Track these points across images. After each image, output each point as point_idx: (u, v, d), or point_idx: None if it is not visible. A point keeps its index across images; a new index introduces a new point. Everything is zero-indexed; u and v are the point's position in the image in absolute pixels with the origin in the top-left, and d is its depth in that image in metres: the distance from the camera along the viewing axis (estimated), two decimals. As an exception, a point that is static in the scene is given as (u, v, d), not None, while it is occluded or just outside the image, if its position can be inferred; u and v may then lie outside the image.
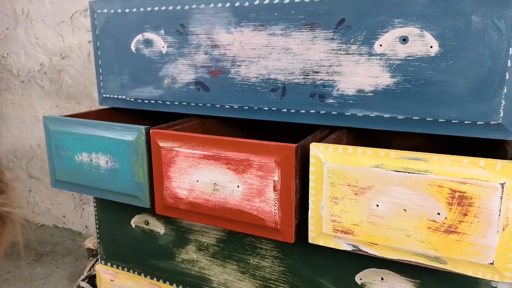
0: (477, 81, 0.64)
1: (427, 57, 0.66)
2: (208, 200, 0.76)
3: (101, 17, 0.98)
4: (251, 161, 0.70)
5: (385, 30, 0.68)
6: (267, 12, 0.77)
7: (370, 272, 0.77)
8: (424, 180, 0.59)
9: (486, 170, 0.57)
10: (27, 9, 1.95)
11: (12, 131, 2.20)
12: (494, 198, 0.56)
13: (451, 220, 0.59)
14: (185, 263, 0.97)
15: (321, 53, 0.74)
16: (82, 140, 0.89)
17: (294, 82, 0.78)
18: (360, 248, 0.66)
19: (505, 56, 0.62)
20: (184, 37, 0.87)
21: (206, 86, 0.87)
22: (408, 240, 0.62)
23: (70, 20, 1.85)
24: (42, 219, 2.25)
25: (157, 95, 0.94)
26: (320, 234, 0.69)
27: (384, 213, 0.63)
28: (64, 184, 0.96)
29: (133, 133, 0.83)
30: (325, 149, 0.66)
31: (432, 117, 0.68)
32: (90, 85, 1.88)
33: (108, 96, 1.02)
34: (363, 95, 0.72)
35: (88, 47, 1.84)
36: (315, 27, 0.73)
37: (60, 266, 1.91)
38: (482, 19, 0.62)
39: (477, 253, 0.58)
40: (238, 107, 0.85)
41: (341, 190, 0.65)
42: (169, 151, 0.79)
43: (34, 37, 1.97)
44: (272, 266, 0.86)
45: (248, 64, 0.81)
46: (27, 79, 2.06)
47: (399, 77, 0.69)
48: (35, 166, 2.18)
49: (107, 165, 0.87)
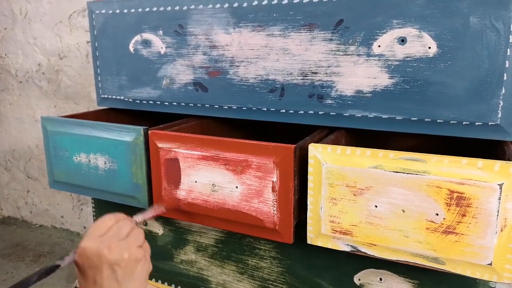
0: (475, 82, 0.64)
1: (425, 58, 0.66)
2: (207, 201, 0.76)
3: (99, 18, 0.97)
4: (249, 162, 0.70)
5: (384, 31, 0.68)
6: (265, 13, 0.77)
7: (369, 273, 0.77)
8: (423, 180, 0.59)
9: (484, 171, 0.57)
10: (25, 9, 1.94)
11: (10, 132, 2.19)
12: (492, 198, 0.56)
13: (449, 220, 0.59)
14: (184, 264, 0.97)
15: (320, 54, 0.74)
16: (80, 140, 0.89)
17: (293, 83, 0.78)
18: (359, 248, 0.66)
19: (503, 57, 0.62)
20: (183, 37, 0.87)
21: (205, 87, 0.87)
22: (406, 241, 0.62)
23: (68, 21, 1.84)
24: (40, 220, 2.25)
25: (155, 95, 0.94)
26: (318, 234, 0.69)
27: (383, 214, 0.63)
28: (62, 184, 0.96)
29: (131, 134, 0.83)
30: (324, 150, 0.66)
31: (430, 117, 0.68)
32: (88, 85, 1.88)
33: (106, 96, 1.02)
34: (362, 96, 0.72)
35: (86, 47, 1.84)
36: (314, 28, 0.73)
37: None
38: (480, 20, 0.62)
39: (476, 254, 0.58)
40: (237, 107, 0.85)
41: (340, 191, 0.65)
42: (168, 152, 0.79)
43: (32, 38, 1.96)
44: (271, 266, 0.86)
45: (246, 65, 0.81)
46: (25, 79, 2.05)
47: (397, 78, 0.69)
48: (33, 167, 2.18)
49: (105, 165, 0.87)
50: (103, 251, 0.51)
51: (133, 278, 0.53)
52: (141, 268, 0.55)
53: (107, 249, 0.51)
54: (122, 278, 0.52)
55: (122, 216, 0.58)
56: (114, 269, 0.51)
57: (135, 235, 0.56)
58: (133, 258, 0.53)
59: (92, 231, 0.54)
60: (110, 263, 0.51)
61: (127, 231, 0.55)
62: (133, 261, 0.53)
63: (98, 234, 0.54)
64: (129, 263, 0.53)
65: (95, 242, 0.52)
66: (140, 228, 0.58)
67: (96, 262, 0.51)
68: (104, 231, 0.54)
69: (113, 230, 0.54)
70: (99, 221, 0.56)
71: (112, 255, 0.51)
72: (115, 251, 0.52)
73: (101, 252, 0.51)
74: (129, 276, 0.53)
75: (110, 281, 0.51)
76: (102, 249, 0.51)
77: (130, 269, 0.53)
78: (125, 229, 0.56)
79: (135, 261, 0.53)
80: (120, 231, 0.55)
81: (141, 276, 0.55)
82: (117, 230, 0.55)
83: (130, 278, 0.53)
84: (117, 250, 0.52)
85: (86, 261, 0.52)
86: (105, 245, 0.52)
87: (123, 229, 0.55)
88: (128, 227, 0.56)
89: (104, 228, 0.55)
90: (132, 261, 0.53)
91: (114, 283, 0.51)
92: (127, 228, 0.56)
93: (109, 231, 0.54)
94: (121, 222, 0.56)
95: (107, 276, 0.51)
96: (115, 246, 0.52)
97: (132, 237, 0.55)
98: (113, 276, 0.51)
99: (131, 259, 0.53)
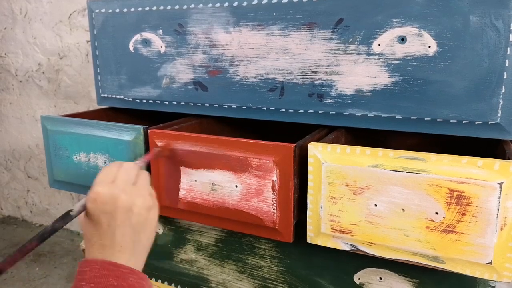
0: (475, 80, 0.64)
1: (425, 56, 0.66)
2: (207, 200, 0.76)
3: (99, 17, 0.97)
4: (249, 161, 0.70)
5: (383, 30, 0.68)
6: (265, 12, 0.77)
7: (369, 272, 0.77)
8: (423, 179, 0.59)
9: (484, 170, 0.57)
10: (25, 9, 1.94)
11: (10, 131, 2.19)
12: (492, 197, 0.56)
13: (449, 219, 0.59)
14: (184, 263, 0.97)
15: (320, 53, 0.74)
16: (80, 140, 0.89)
17: (293, 82, 0.78)
18: (359, 247, 0.66)
19: (503, 56, 0.62)
20: (183, 36, 0.87)
21: (205, 86, 0.87)
22: (406, 240, 0.62)
23: (68, 20, 1.84)
24: (40, 219, 2.25)
25: (155, 95, 0.94)
26: (318, 233, 0.69)
27: (383, 213, 0.63)
28: (62, 184, 0.96)
29: (131, 133, 0.83)
30: (324, 149, 0.66)
31: (430, 116, 0.68)
32: (88, 85, 1.88)
33: (106, 96, 1.02)
34: (362, 95, 0.72)
35: (86, 46, 1.84)
36: (313, 27, 0.73)
37: (58, 266, 1.90)
38: (480, 19, 0.62)
39: (475, 253, 0.58)
40: (237, 107, 0.85)
41: (340, 190, 0.65)
42: (168, 151, 0.79)
43: (32, 37, 1.96)
44: (271, 266, 0.86)
45: (246, 64, 0.81)
46: (25, 79, 2.06)
47: (397, 77, 0.69)
48: (33, 166, 2.18)
49: (105, 165, 0.87)
50: (119, 195, 0.50)
51: (145, 225, 0.52)
52: (153, 215, 0.54)
53: (123, 193, 0.50)
54: (136, 224, 0.51)
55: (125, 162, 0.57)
56: (128, 214, 0.50)
57: (144, 179, 0.55)
58: (146, 205, 0.52)
59: (101, 178, 0.53)
60: (125, 208, 0.50)
61: (135, 174, 0.55)
62: (146, 208, 0.52)
63: (109, 179, 0.52)
64: (142, 209, 0.52)
65: (109, 187, 0.51)
66: (145, 171, 0.57)
67: (111, 207, 0.50)
68: (114, 177, 0.53)
69: (122, 174, 0.53)
70: (105, 169, 0.55)
71: (127, 200, 0.50)
72: (130, 196, 0.51)
73: (117, 196, 0.50)
74: (142, 223, 0.52)
75: (125, 227, 0.50)
76: (118, 193, 0.50)
77: (143, 215, 0.52)
78: (132, 172, 0.55)
79: (147, 208, 0.53)
80: (129, 175, 0.54)
81: (152, 224, 0.54)
82: (125, 174, 0.54)
83: (143, 225, 0.52)
84: (131, 195, 0.51)
85: (100, 206, 0.50)
86: (120, 189, 0.51)
87: (131, 173, 0.54)
88: (135, 170, 0.55)
89: (112, 174, 0.53)
90: (145, 208, 0.52)
91: (128, 229, 0.50)
92: (134, 171, 0.55)
93: (118, 176, 0.53)
94: (127, 165, 0.56)
95: (121, 222, 0.50)
96: (129, 191, 0.51)
97: (141, 182, 0.54)
98: (127, 222, 0.50)
99: (144, 205, 0.52)
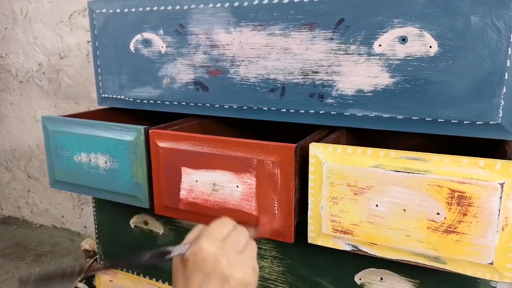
0: (476, 81, 0.64)
1: (426, 57, 0.66)
2: (208, 200, 0.76)
3: (100, 17, 0.97)
4: (250, 161, 0.70)
5: (384, 30, 0.68)
6: (266, 12, 0.77)
7: (370, 272, 0.77)
8: (424, 180, 0.59)
9: (485, 170, 0.57)
10: (26, 9, 1.94)
11: (11, 131, 2.19)
12: (494, 198, 0.56)
13: (450, 220, 0.59)
14: (184, 263, 0.97)
15: (320, 53, 0.74)
16: (81, 140, 0.89)
17: (293, 82, 0.78)
18: (360, 248, 0.66)
19: (504, 56, 0.62)
20: (183, 37, 0.87)
21: (205, 86, 0.87)
22: (407, 240, 0.62)
23: (69, 20, 1.84)
24: (40, 220, 2.25)
25: (156, 95, 0.94)
26: (319, 234, 0.69)
27: (384, 213, 0.63)
28: (62, 184, 0.96)
29: (132, 133, 0.83)
30: (325, 149, 0.66)
31: (431, 117, 0.68)
32: (89, 85, 1.88)
33: (107, 96, 1.02)
34: (362, 95, 0.72)
35: (87, 47, 1.84)
36: (314, 27, 0.73)
37: (58, 266, 1.90)
38: (481, 19, 0.62)
39: (477, 253, 0.58)
40: (237, 107, 0.85)
41: (341, 190, 0.65)
42: (168, 151, 0.79)
43: (32, 37, 1.96)
44: (272, 266, 0.86)
45: (247, 64, 0.81)
46: (26, 79, 2.06)
47: (398, 77, 0.69)
48: (33, 166, 2.18)
49: (106, 165, 0.87)
50: (221, 259, 0.46)
51: None
52: None
53: (226, 259, 0.47)
54: None
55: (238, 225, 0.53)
56: (224, 284, 0.46)
57: (251, 251, 0.51)
58: (245, 280, 0.48)
59: (212, 232, 0.50)
60: (223, 275, 0.46)
61: (244, 244, 0.51)
62: (243, 284, 0.47)
63: (219, 238, 0.49)
64: (239, 283, 0.47)
65: (216, 246, 0.47)
66: (254, 242, 0.53)
67: (209, 268, 0.46)
68: (224, 237, 0.49)
69: (232, 238, 0.50)
70: (218, 223, 0.52)
71: (228, 268, 0.46)
72: (232, 265, 0.47)
73: (219, 260, 0.46)
74: None
75: None
76: (221, 257, 0.47)
77: None
78: (244, 239, 0.51)
79: (245, 284, 0.48)
80: (238, 241, 0.50)
81: None
82: (236, 239, 0.50)
83: None
84: (233, 265, 0.47)
85: (200, 263, 0.47)
86: (225, 253, 0.47)
87: (242, 240, 0.51)
88: (245, 238, 0.52)
89: (224, 233, 0.50)
90: (243, 284, 0.47)
91: None
92: (244, 239, 0.51)
93: (229, 238, 0.49)
94: (241, 230, 0.52)
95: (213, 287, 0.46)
96: (233, 259, 0.47)
97: (248, 253, 0.50)
98: None
99: (243, 281, 0.47)
